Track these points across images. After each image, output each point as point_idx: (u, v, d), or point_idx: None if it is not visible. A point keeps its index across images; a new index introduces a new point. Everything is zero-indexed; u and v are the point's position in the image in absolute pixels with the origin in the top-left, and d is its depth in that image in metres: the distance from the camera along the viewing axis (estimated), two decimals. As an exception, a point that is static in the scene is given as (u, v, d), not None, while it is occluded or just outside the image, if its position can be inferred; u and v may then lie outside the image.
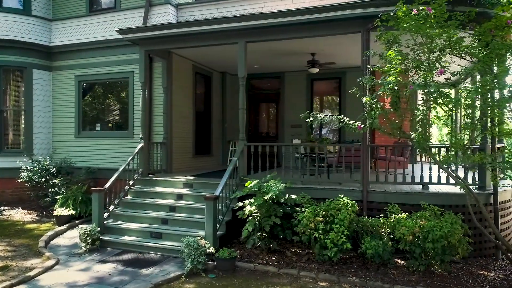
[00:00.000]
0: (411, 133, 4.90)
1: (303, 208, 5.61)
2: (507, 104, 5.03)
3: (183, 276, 5.13)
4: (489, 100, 5.13)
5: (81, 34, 9.67)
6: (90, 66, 9.59)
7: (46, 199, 8.33)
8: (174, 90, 8.76)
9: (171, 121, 8.62)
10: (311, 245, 5.61)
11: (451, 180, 6.38)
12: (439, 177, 6.38)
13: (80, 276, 5.14)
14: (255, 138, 11.95)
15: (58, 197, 7.99)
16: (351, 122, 5.69)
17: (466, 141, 5.33)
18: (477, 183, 6.30)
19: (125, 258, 5.87)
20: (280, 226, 5.93)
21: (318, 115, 5.89)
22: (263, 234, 5.88)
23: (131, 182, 7.56)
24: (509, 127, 5.61)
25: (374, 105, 5.21)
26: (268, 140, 11.36)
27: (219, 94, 11.20)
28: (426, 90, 4.45)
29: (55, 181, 8.29)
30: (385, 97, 5.13)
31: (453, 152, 4.86)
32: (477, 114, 5.59)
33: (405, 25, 4.43)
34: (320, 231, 5.14)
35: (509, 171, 5.11)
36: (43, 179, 8.44)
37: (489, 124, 5.70)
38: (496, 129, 5.45)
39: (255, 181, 5.88)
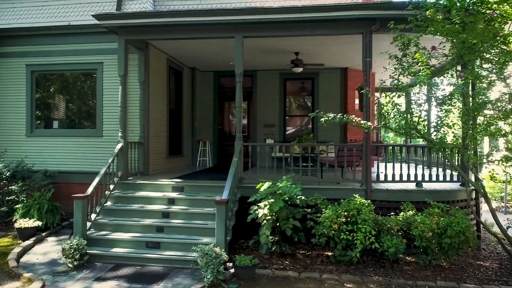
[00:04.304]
0: (433, 133, 5.08)
1: (323, 209, 5.50)
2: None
3: (204, 289, 4.69)
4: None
5: (35, 17, 8.37)
6: (47, 55, 8.36)
7: (2, 209, 7.02)
8: (151, 85, 8.04)
9: (148, 119, 7.88)
10: (329, 247, 5.52)
11: (440, 178, 6.85)
12: (430, 175, 6.77)
13: (82, 299, 4.41)
14: (225, 137, 11.59)
15: (17, 206, 6.80)
16: (363, 122, 5.75)
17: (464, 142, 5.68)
18: (461, 180, 6.82)
19: (125, 273, 5.18)
20: (293, 229, 5.75)
21: (329, 114, 5.83)
22: (276, 237, 5.65)
23: (111, 187, 6.73)
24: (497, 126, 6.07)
25: (390, 106, 5.30)
26: (239, 139, 11.02)
27: (189, 91, 10.60)
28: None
29: (12, 187, 7.03)
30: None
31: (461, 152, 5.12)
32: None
33: (441, 29, 4.56)
34: (347, 232, 5.08)
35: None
36: (-7, 186, 7.15)
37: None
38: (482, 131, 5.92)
39: (268, 183, 5.61)
